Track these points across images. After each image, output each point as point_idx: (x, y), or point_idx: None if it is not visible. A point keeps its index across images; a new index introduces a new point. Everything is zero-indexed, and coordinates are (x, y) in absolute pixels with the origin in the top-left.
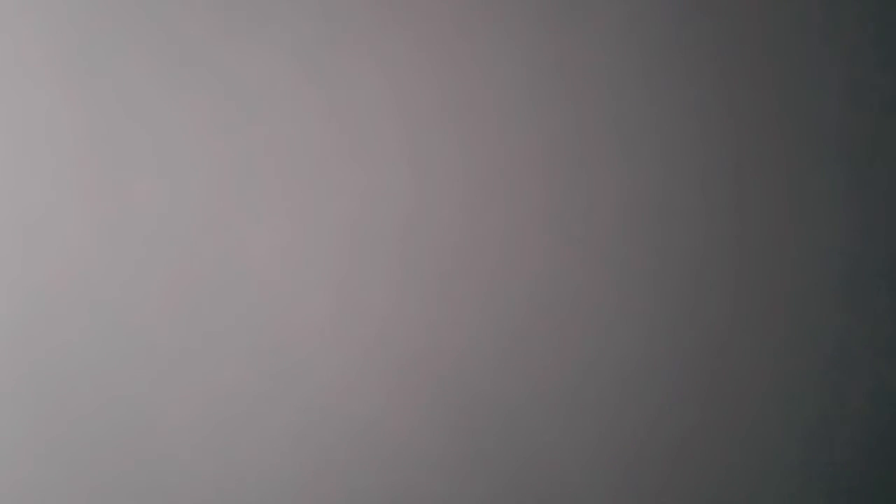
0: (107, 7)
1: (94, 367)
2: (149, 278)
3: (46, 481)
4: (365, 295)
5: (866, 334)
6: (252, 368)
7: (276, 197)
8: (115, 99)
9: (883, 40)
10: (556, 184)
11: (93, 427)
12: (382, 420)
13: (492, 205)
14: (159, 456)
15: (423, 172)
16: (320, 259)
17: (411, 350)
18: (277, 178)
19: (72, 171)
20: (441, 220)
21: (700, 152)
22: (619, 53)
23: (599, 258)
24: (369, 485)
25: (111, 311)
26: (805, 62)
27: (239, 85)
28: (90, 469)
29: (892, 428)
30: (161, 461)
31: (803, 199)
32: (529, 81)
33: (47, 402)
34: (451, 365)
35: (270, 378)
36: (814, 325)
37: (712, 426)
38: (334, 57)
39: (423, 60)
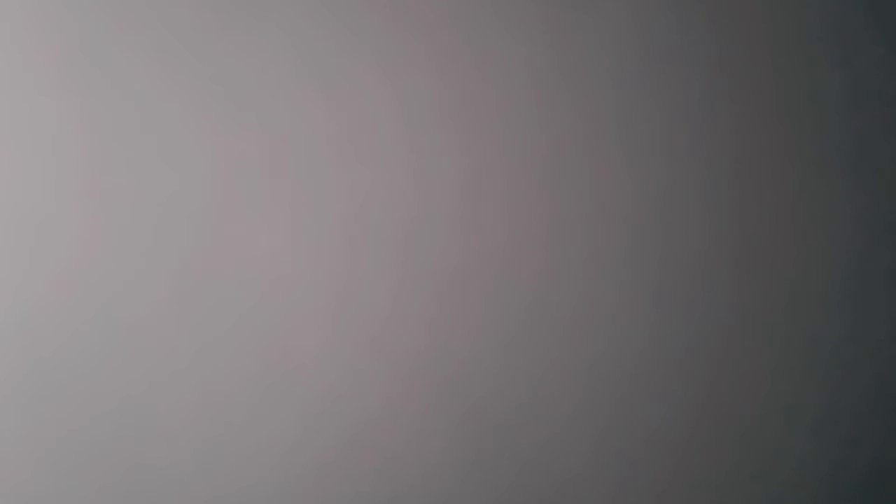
0: (109, 4)
1: (94, 368)
2: (149, 280)
3: (46, 484)
4: (366, 296)
5: (866, 334)
6: (253, 370)
7: (277, 198)
8: (117, 98)
9: (884, 40)
10: (559, 184)
11: (92, 429)
12: (383, 423)
13: (494, 205)
14: (159, 458)
15: (424, 172)
16: (322, 260)
17: (412, 353)
18: (279, 178)
19: (72, 171)
20: (443, 220)
21: (702, 153)
22: (622, 54)
23: (602, 259)
24: (370, 488)
25: (111, 312)
26: (807, 63)
27: (241, 85)
28: (90, 472)
29: (893, 428)
30: (161, 463)
31: (804, 199)
32: (532, 81)
33: (47, 405)
34: (453, 367)
35: (271, 380)
36: (814, 325)
37: (712, 426)
38: (337, 57)
39: (425, 59)
